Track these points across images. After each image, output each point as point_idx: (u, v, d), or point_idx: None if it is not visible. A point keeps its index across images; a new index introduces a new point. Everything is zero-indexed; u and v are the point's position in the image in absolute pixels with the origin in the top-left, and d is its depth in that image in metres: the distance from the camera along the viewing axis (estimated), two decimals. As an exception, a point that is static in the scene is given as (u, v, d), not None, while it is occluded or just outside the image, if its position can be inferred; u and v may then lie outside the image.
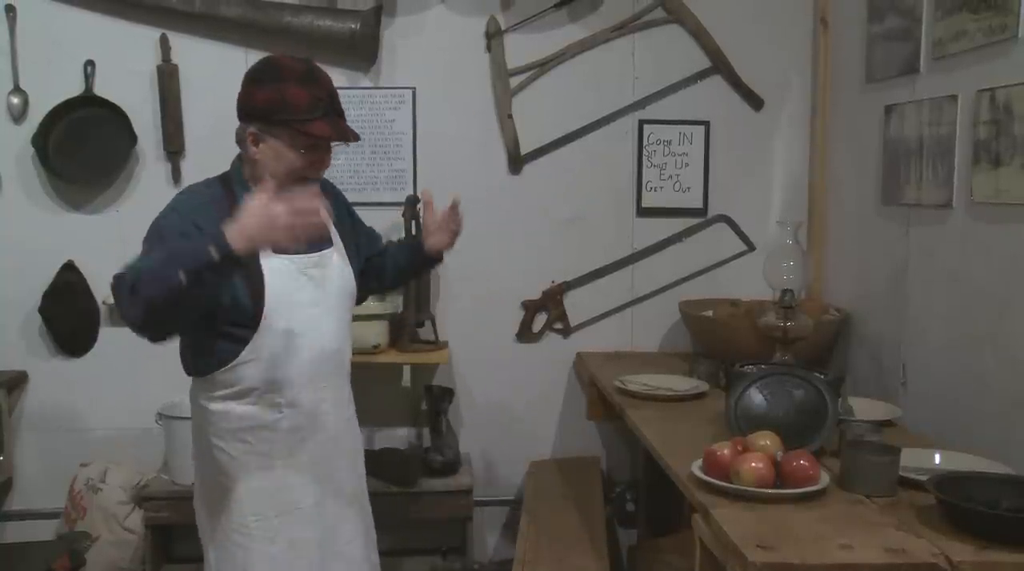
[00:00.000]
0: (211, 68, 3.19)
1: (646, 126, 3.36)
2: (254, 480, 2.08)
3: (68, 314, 3.21)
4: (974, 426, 2.33)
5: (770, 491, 1.82)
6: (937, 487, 1.74)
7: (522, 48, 3.28)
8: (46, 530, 3.21)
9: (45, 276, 3.18)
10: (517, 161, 3.33)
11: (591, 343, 3.41)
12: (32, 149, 3.12)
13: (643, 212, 3.40)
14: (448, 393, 3.24)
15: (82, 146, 3.13)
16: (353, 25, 3.14)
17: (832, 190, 3.25)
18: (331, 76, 2.09)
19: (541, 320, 3.41)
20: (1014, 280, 2.21)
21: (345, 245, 2.21)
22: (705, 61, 3.35)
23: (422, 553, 3.37)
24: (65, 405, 3.26)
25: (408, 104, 3.28)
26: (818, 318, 2.92)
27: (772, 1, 3.34)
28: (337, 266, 2.15)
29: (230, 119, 3.18)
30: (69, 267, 3.19)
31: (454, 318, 3.34)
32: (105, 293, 3.21)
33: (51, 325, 3.21)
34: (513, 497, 3.41)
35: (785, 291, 2.70)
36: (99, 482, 3.08)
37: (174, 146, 3.20)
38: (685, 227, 3.42)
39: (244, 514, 2.08)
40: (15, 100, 3.13)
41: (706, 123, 3.38)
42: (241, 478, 2.08)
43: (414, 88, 3.28)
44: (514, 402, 3.41)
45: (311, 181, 2.04)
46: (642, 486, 3.31)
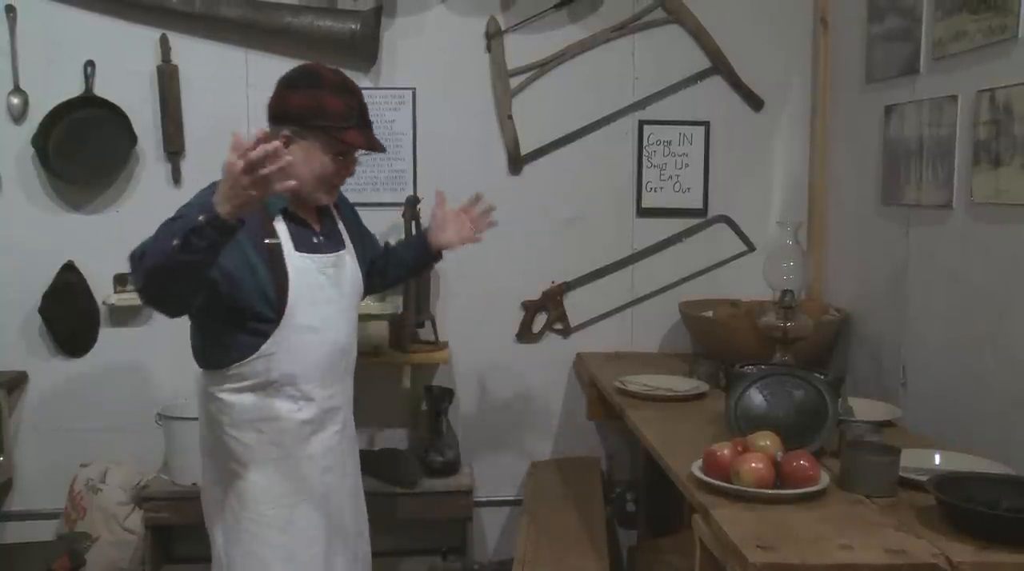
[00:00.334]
0: (211, 69, 3.20)
1: (646, 126, 3.37)
2: (269, 470, 2.15)
3: (68, 314, 3.21)
4: (974, 426, 2.33)
5: (770, 491, 1.82)
6: (937, 487, 1.74)
7: (522, 48, 3.28)
8: (46, 530, 3.21)
9: (45, 276, 3.18)
10: (517, 161, 3.33)
11: (591, 343, 3.41)
12: (32, 149, 3.11)
13: (643, 212, 3.40)
14: (448, 393, 3.24)
15: (82, 146, 3.13)
16: (353, 25, 3.14)
17: (832, 190, 3.25)
18: (331, 76, 2.12)
19: (541, 320, 3.41)
20: (1014, 280, 2.21)
21: (354, 247, 2.34)
22: (705, 61, 3.35)
23: (422, 553, 3.37)
24: (65, 405, 3.26)
25: (408, 104, 3.28)
26: (818, 318, 2.92)
27: (772, 1, 3.34)
28: (350, 267, 2.28)
29: (230, 119, 3.22)
30: (69, 267, 3.19)
31: (454, 318, 3.34)
32: (105, 293, 3.22)
33: (51, 325, 3.21)
34: (513, 497, 3.41)
35: (785, 291, 2.70)
36: (99, 482, 3.08)
37: (174, 146, 3.20)
38: (685, 227, 3.42)
39: (259, 503, 2.15)
40: (15, 100, 3.13)
41: (706, 123, 3.38)
42: (256, 468, 2.15)
43: (414, 88, 3.28)
44: (514, 402, 3.40)
45: (334, 187, 2.21)
46: (642, 486, 3.31)
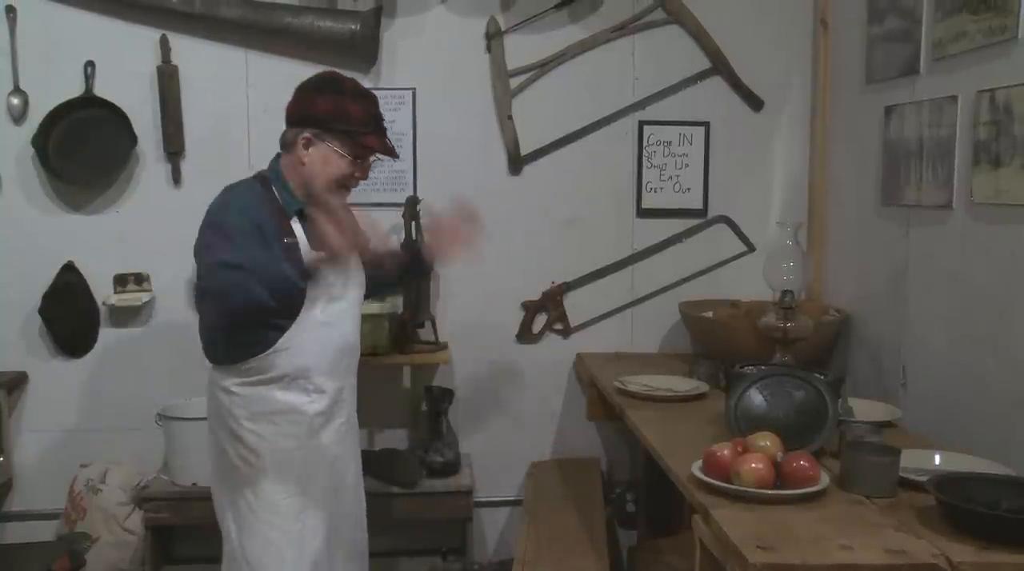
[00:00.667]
0: (211, 69, 3.20)
1: (646, 127, 3.37)
2: (282, 461, 2.25)
3: (68, 315, 3.21)
4: (974, 427, 2.33)
5: (770, 492, 1.82)
6: (937, 488, 1.74)
7: (522, 49, 3.28)
8: (46, 531, 3.21)
9: (45, 277, 3.18)
10: (517, 162, 3.33)
11: (591, 344, 3.41)
12: (32, 150, 3.11)
13: (643, 213, 3.40)
14: (448, 394, 3.24)
15: (82, 147, 3.13)
16: (353, 26, 3.14)
17: (832, 191, 3.25)
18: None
19: (541, 321, 3.41)
20: (1014, 281, 2.21)
21: None
22: (705, 62, 3.35)
23: (422, 554, 3.37)
24: (65, 406, 3.26)
25: (408, 105, 3.28)
26: (818, 319, 2.92)
27: (772, 2, 3.34)
28: (354, 266, 2.37)
29: (230, 120, 3.23)
30: (69, 268, 3.19)
31: (454, 319, 3.34)
32: (105, 294, 3.22)
33: (51, 326, 3.21)
34: (513, 498, 3.41)
35: (785, 292, 2.70)
36: (99, 483, 3.07)
37: (174, 147, 3.20)
38: (685, 228, 3.42)
39: (274, 492, 2.24)
40: (15, 101, 3.13)
41: (706, 124, 3.38)
42: (271, 458, 2.24)
43: (414, 89, 3.28)
44: (514, 403, 3.41)
45: (348, 189, 2.30)
46: (642, 487, 3.30)
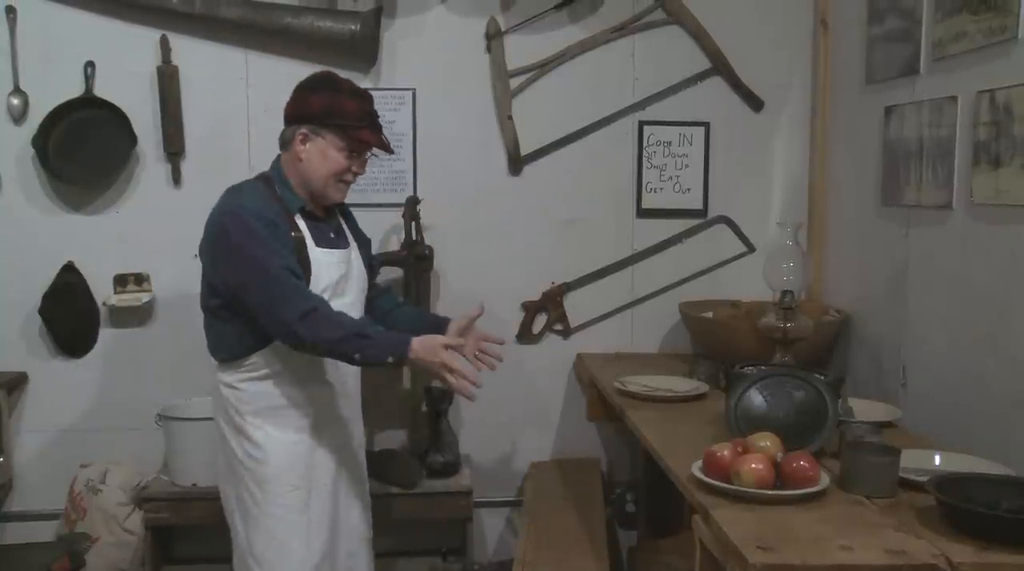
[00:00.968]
0: (211, 69, 3.20)
1: (646, 127, 3.37)
2: (289, 454, 2.29)
3: (68, 315, 3.20)
4: (974, 427, 2.33)
5: (770, 492, 1.82)
6: (937, 488, 1.74)
7: (522, 49, 3.28)
8: (46, 531, 3.21)
9: (45, 277, 3.18)
10: (517, 162, 3.33)
11: (591, 344, 3.41)
12: (32, 150, 3.11)
13: (643, 213, 3.40)
14: (448, 394, 3.23)
15: (82, 147, 3.13)
16: (353, 26, 3.14)
17: (832, 191, 3.25)
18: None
19: (541, 321, 3.41)
20: (1014, 281, 2.21)
21: (359, 247, 2.50)
22: (705, 62, 3.35)
23: (422, 554, 3.37)
24: (65, 406, 3.25)
25: (408, 105, 3.28)
26: (818, 319, 2.92)
27: (772, 2, 3.34)
28: (357, 264, 2.43)
29: (230, 120, 3.23)
30: (69, 268, 3.19)
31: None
32: (105, 294, 3.22)
33: (51, 326, 3.21)
34: (513, 498, 3.41)
35: (785, 292, 2.70)
36: (99, 483, 3.07)
37: (174, 147, 3.19)
38: (685, 228, 3.42)
39: (280, 486, 2.28)
40: (15, 101, 3.13)
41: (706, 124, 3.38)
42: (277, 452, 2.28)
43: (414, 89, 3.28)
44: (514, 403, 3.40)
45: (348, 184, 2.35)
46: (642, 487, 3.30)
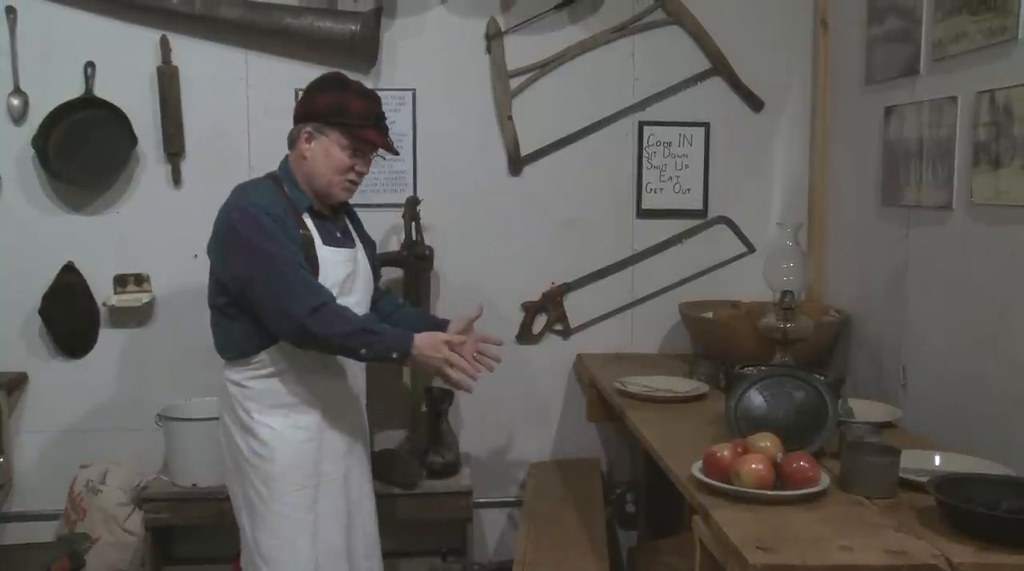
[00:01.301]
0: (211, 70, 3.20)
1: (646, 127, 3.37)
2: (295, 452, 2.30)
3: (68, 315, 3.20)
4: (974, 427, 2.33)
5: (770, 492, 1.82)
6: (937, 488, 1.74)
7: (522, 49, 3.28)
8: (46, 532, 3.21)
9: (45, 277, 3.18)
10: (517, 162, 3.33)
11: (591, 344, 3.41)
12: (32, 150, 3.11)
13: (643, 213, 3.40)
14: (448, 394, 3.24)
15: (82, 148, 3.13)
16: (353, 27, 3.14)
17: (832, 191, 3.25)
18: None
19: (541, 321, 3.41)
20: (1014, 282, 2.21)
21: (364, 247, 2.52)
22: (705, 62, 3.35)
23: (422, 554, 3.37)
24: (65, 406, 3.25)
25: (408, 105, 3.28)
26: (818, 319, 2.92)
27: (772, 2, 3.34)
28: (363, 264, 2.46)
29: (230, 120, 3.23)
30: (69, 268, 3.19)
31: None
32: (105, 294, 3.22)
33: (51, 326, 3.20)
34: (513, 498, 3.41)
35: (785, 292, 2.70)
36: (99, 483, 3.07)
37: (174, 148, 3.19)
38: (685, 228, 3.42)
39: (286, 483, 2.29)
40: (15, 101, 3.13)
41: (706, 125, 3.38)
42: (283, 450, 2.29)
43: (414, 89, 3.28)
44: (514, 403, 3.40)
45: (353, 184, 2.36)
46: (642, 487, 3.30)
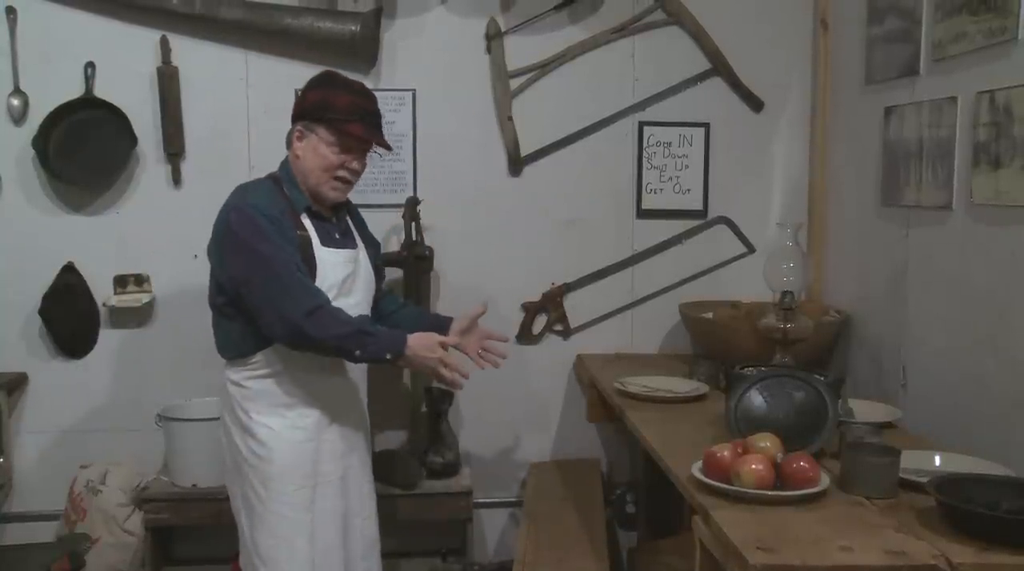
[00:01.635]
0: (211, 70, 3.20)
1: (646, 128, 3.37)
2: (294, 452, 2.30)
3: (68, 316, 3.20)
4: (974, 428, 2.33)
5: (770, 493, 1.82)
6: (937, 489, 1.74)
7: (522, 50, 3.28)
8: (46, 532, 3.21)
9: (45, 278, 3.18)
10: (517, 163, 3.33)
11: (591, 345, 3.41)
12: (32, 151, 3.11)
13: (643, 214, 3.40)
14: (448, 395, 3.24)
15: (82, 148, 3.13)
16: (353, 27, 3.14)
17: (832, 192, 3.25)
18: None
19: (541, 322, 3.41)
20: (1014, 282, 2.22)
21: (366, 248, 2.52)
22: (705, 63, 3.35)
23: (422, 555, 3.36)
24: (65, 407, 3.25)
25: (408, 106, 3.28)
26: (818, 320, 2.92)
27: (772, 2, 3.34)
28: (364, 265, 2.45)
29: (230, 121, 3.23)
30: (69, 269, 3.19)
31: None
32: (105, 295, 3.22)
33: (51, 327, 3.20)
34: (513, 499, 3.41)
35: (785, 293, 2.70)
36: (99, 484, 3.07)
37: (174, 148, 3.19)
38: (685, 229, 3.42)
39: (285, 483, 2.28)
40: (15, 102, 3.12)
41: (706, 125, 3.38)
42: (282, 450, 2.29)
43: (414, 90, 3.28)
44: (514, 404, 3.40)
45: (345, 183, 2.33)
46: (642, 488, 3.30)
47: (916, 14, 2.61)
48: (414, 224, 3.13)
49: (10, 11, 3.10)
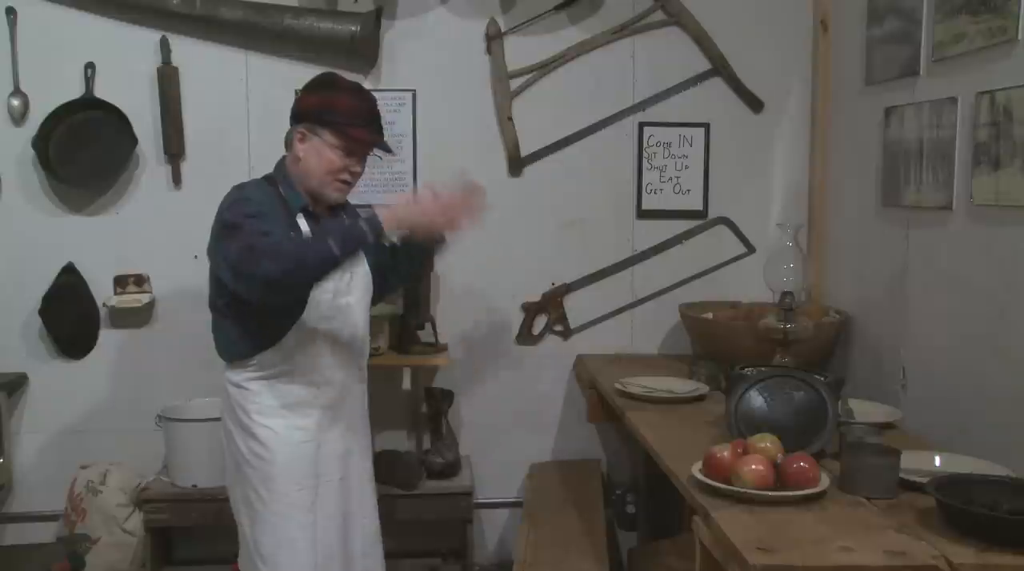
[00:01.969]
0: (212, 71, 3.20)
1: (646, 128, 3.37)
2: (295, 453, 2.30)
3: (68, 316, 3.21)
4: (974, 428, 2.33)
5: (770, 493, 1.82)
6: (937, 489, 1.74)
7: (522, 50, 3.28)
8: (46, 532, 3.21)
9: (45, 278, 3.18)
10: (517, 163, 3.33)
11: (591, 345, 3.41)
12: (32, 152, 3.12)
13: (643, 214, 3.40)
14: (448, 395, 3.25)
15: (82, 148, 3.13)
16: (353, 27, 3.14)
17: (832, 192, 3.25)
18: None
19: (541, 322, 3.41)
20: (1014, 282, 2.21)
21: None
22: (705, 63, 3.35)
23: (422, 555, 3.36)
24: (65, 407, 3.26)
25: (408, 106, 3.28)
26: (818, 320, 2.92)
27: (772, 3, 3.34)
28: (362, 264, 2.42)
29: (230, 121, 3.23)
30: (69, 269, 3.19)
31: (454, 320, 3.34)
32: (105, 295, 3.22)
33: (51, 327, 3.21)
34: (513, 499, 3.41)
35: (785, 293, 2.70)
36: (99, 484, 3.07)
37: (174, 149, 3.20)
38: (685, 229, 3.42)
39: (287, 484, 2.28)
40: (15, 102, 3.13)
41: (706, 125, 3.38)
42: (283, 451, 2.29)
43: (414, 90, 3.28)
44: (514, 404, 3.40)
45: (346, 184, 2.32)
46: (642, 489, 3.30)
47: (916, 15, 2.61)
48: (414, 224, 3.12)
49: (10, 11, 3.10)
